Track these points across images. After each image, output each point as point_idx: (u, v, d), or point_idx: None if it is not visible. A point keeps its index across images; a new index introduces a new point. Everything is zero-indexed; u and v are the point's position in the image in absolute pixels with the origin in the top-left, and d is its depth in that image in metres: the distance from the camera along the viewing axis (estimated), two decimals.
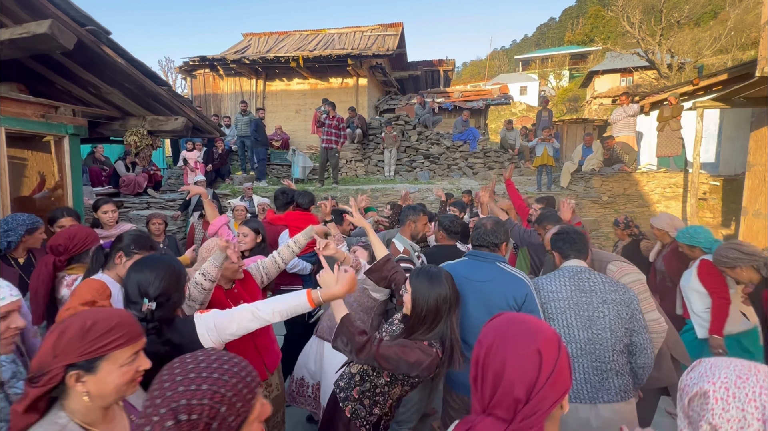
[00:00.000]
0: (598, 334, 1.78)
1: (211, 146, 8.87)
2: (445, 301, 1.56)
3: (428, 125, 10.75)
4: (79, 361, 0.93)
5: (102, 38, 3.40)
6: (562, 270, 1.94)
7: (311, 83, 12.24)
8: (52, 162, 3.85)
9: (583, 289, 1.85)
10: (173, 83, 18.84)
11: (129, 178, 7.41)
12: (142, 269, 1.40)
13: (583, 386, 1.79)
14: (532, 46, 52.02)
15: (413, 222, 2.82)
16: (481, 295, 1.84)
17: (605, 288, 1.83)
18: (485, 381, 0.83)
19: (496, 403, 0.80)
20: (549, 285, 1.90)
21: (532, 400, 0.78)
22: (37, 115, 3.58)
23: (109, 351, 0.95)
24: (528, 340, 0.83)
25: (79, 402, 0.95)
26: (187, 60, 12.30)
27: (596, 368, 1.77)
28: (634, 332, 1.80)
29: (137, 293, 1.36)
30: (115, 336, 0.96)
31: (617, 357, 1.79)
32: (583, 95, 28.44)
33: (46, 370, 0.91)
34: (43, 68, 3.92)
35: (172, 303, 1.39)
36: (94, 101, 4.35)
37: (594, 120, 15.18)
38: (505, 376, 0.80)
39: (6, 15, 3.08)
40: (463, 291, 1.82)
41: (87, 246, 2.06)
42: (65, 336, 0.93)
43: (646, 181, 7.97)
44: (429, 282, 1.57)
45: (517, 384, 0.78)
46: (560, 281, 1.89)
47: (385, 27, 13.59)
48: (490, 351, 0.84)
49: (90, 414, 0.96)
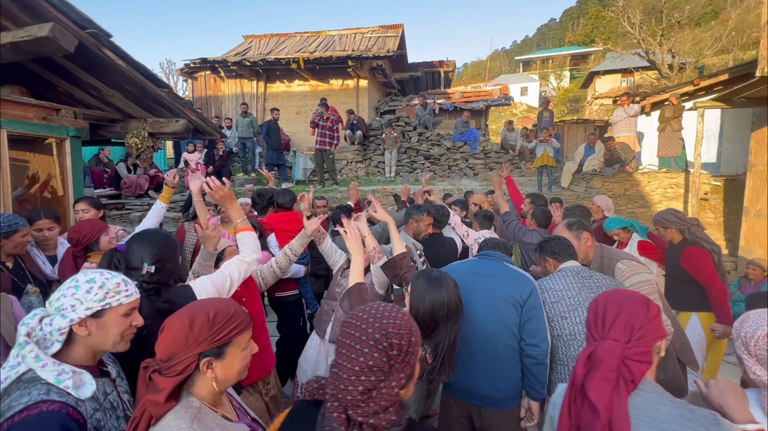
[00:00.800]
0: None
1: (212, 148, 8.88)
2: (442, 307, 1.52)
3: (429, 126, 10.75)
4: (210, 348, 0.99)
5: (103, 41, 3.42)
6: (563, 271, 1.97)
7: (312, 85, 12.27)
8: (54, 164, 3.87)
9: (589, 286, 1.89)
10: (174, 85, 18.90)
11: (130, 179, 7.43)
12: (142, 240, 1.57)
13: None
14: (533, 46, 52.06)
15: (416, 221, 2.84)
16: (487, 289, 1.87)
17: (608, 284, 1.89)
18: (606, 319, 1.11)
19: (615, 332, 1.07)
20: (555, 284, 1.93)
21: (643, 328, 1.06)
22: (39, 117, 3.60)
23: (234, 337, 1.02)
24: (637, 295, 1.14)
25: (206, 386, 1.00)
26: (188, 62, 12.35)
27: None
28: None
29: (138, 259, 1.51)
30: (237, 322, 1.03)
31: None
32: (584, 96, 28.43)
33: (178, 360, 0.96)
34: (44, 71, 3.94)
35: (167, 269, 1.55)
36: (96, 104, 4.37)
37: (595, 120, 15.16)
38: (622, 313, 1.09)
39: (8, 18, 3.11)
40: (471, 285, 1.88)
41: (95, 235, 2.33)
42: (195, 326, 0.98)
43: (647, 181, 7.96)
44: (427, 285, 1.56)
45: (633, 318, 1.08)
46: (565, 280, 1.93)
47: (385, 28, 13.62)
48: (608, 301, 1.13)
49: (214, 398, 1.03)
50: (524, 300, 1.80)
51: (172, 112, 4.38)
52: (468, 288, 1.81)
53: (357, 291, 1.70)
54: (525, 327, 1.79)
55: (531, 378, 1.79)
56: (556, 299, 1.88)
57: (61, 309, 1.04)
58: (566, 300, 1.87)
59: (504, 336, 1.81)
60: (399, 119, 10.66)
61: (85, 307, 1.05)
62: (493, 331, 1.81)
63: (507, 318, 1.81)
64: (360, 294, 1.69)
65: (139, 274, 1.48)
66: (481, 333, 1.82)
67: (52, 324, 1.01)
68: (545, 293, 1.92)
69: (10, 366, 0.97)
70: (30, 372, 0.97)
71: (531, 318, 1.79)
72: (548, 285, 1.95)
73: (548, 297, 1.91)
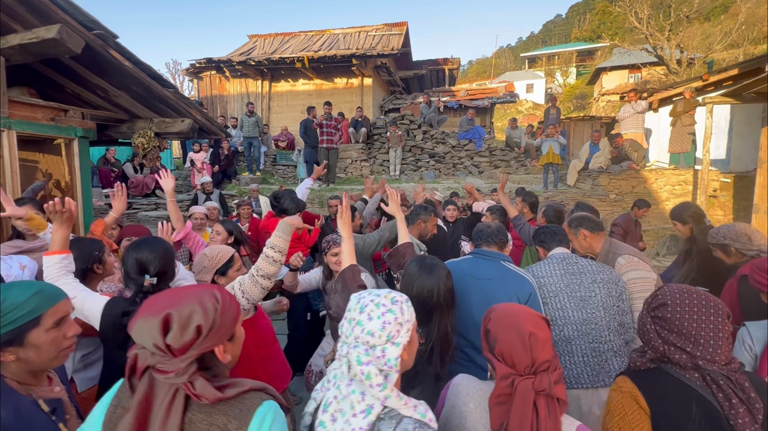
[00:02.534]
0: (593, 314, 1.83)
1: (218, 147, 8.95)
2: (431, 294, 1.48)
3: (433, 124, 10.72)
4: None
5: (109, 42, 3.44)
6: (550, 258, 2.02)
7: (316, 83, 12.29)
8: (63, 164, 3.91)
9: (572, 272, 1.91)
10: (180, 85, 19.02)
11: (137, 179, 7.51)
12: (141, 249, 1.57)
13: (583, 370, 1.79)
14: (539, 43, 51.59)
15: (423, 222, 2.83)
16: (484, 293, 1.83)
17: (593, 269, 1.91)
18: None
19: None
20: (540, 271, 1.98)
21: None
22: (48, 118, 3.64)
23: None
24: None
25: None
26: (194, 62, 12.43)
27: (594, 349, 1.79)
28: (623, 312, 1.87)
29: (136, 270, 1.53)
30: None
31: (613, 337, 1.82)
32: (591, 92, 28.14)
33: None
34: (52, 72, 3.99)
35: (167, 277, 1.61)
36: (103, 104, 4.41)
37: (602, 117, 15.02)
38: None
39: (16, 20, 3.14)
40: (467, 288, 1.84)
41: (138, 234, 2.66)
42: None
43: (654, 178, 7.87)
44: (418, 270, 1.54)
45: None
46: (550, 266, 1.97)
47: (389, 27, 13.59)
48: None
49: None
50: (523, 303, 1.76)
51: (178, 112, 4.41)
52: (464, 293, 1.80)
53: (350, 273, 1.74)
54: None
55: None
56: (540, 285, 1.91)
57: (391, 337, 0.95)
58: (548, 286, 1.91)
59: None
60: (403, 117, 10.65)
61: (406, 329, 0.98)
62: None
63: None
64: (354, 276, 1.71)
65: (138, 283, 1.53)
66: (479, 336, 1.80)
67: (385, 355, 0.94)
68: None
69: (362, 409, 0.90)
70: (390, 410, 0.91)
71: None
72: (533, 271, 1.98)
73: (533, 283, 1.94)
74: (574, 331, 1.81)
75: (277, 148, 11.11)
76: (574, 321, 1.82)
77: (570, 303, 1.85)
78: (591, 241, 2.25)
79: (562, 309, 1.85)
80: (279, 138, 11.34)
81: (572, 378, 1.79)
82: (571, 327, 1.82)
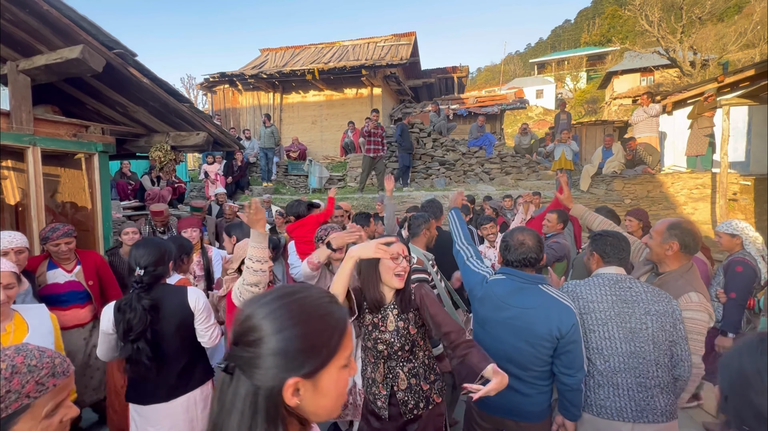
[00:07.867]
0: (641, 347, 1.69)
1: (231, 159, 9.12)
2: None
3: (443, 132, 10.74)
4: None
5: (129, 60, 3.57)
6: (601, 278, 1.83)
7: (327, 95, 12.47)
8: (83, 178, 4.05)
9: (625, 299, 1.74)
10: (195, 99, 19.52)
11: (154, 191, 7.68)
12: (138, 247, 1.90)
13: (627, 404, 1.68)
14: (548, 49, 51.44)
15: (428, 230, 2.77)
16: (520, 323, 1.71)
17: (648, 299, 1.73)
18: None
19: None
20: (588, 294, 1.79)
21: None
22: (70, 134, 3.78)
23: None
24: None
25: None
26: (208, 77, 12.77)
27: (640, 384, 1.68)
28: (675, 343, 1.71)
29: (134, 263, 1.85)
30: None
31: (661, 373, 1.69)
32: (602, 96, 27.86)
33: None
34: (74, 90, 4.15)
35: (157, 272, 1.88)
36: (121, 119, 4.56)
37: (614, 121, 14.82)
38: None
39: (42, 42, 3.30)
40: (500, 316, 1.76)
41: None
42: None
43: (671, 182, 7.70)
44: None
45: None
46: (601, 290, 1.78)
47: (398, 37, 13.75)
48: None
49: None
50: (563, 335, 1.65)
51: (193, 125, 4.53)
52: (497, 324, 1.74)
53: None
54: (560, 358, 1.68)
55: (566, 401, 1.73)
56: (587, 311, 1.77)
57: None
58: (597, 313, 1.76)
59: (535, 365, 1.72)
60: (413, 126, 10.70)
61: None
62: (526, 361, 1.72)
63: (541, 351, 1.69)
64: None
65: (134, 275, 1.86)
66: (516, 364, 1.73)
67: None
68: (577, 301, 1.79)
69: None
70: None
71: (568, 351, 1.66)
72: (581, 293, 1.81)
73: (579, 306, 1.79)
74: (621, 363, 1.71)
75: (289, 158, 11.27)
76: (621, 353, 1.71)
77: (619, 334, 1.72)
78: (673, 256, 1.95)
79: (610, 340, 1.73)
80: (290, 148, 11.51)
81: (614, 410, 1.69)
82: (617, 359, 1.72)
